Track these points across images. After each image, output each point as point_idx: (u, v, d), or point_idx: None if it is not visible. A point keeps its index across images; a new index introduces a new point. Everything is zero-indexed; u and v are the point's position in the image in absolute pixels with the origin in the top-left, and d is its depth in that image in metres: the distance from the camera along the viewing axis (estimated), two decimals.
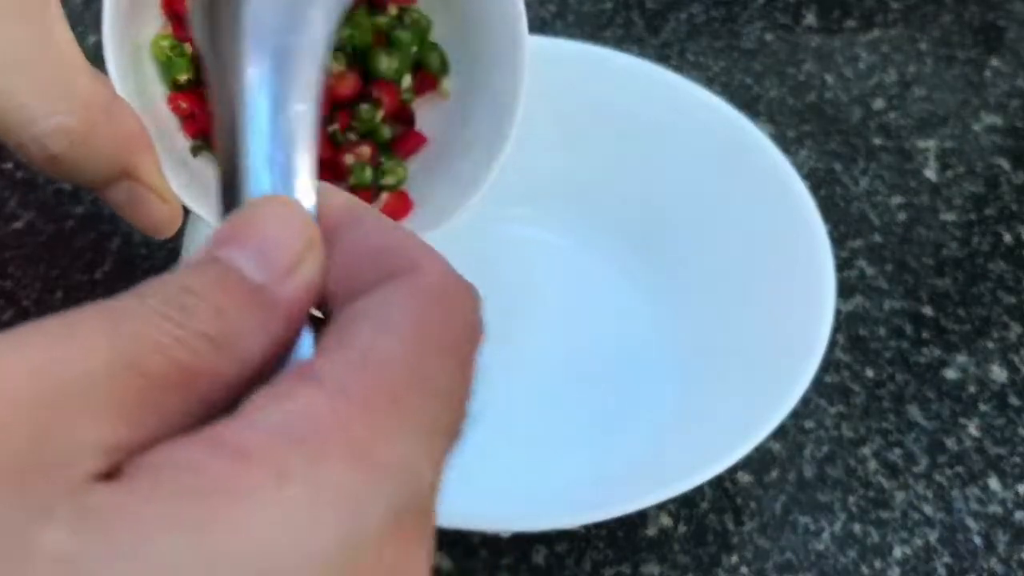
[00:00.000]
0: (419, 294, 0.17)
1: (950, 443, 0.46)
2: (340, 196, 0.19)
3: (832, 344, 0.49)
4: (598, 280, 0.49)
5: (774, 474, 0.44)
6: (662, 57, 0.61)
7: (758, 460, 0.45)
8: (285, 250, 0.17)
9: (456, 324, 0.18)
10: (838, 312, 0.50)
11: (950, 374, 0.49)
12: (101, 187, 0.33)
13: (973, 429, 0.47)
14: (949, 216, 0.55)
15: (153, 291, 0.17)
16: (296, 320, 0.17)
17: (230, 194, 0.18)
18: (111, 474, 0.14)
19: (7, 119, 0.30)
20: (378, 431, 0.15)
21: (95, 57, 0.34)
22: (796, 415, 0.46)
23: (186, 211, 0.36)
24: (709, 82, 0.60)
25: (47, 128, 0.30)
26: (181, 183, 0.35)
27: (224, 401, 0.16)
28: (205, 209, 0.36)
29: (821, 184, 0.55)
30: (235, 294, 0.17)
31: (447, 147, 0.41)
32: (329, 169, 0.40)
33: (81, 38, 0.34)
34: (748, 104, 0.59)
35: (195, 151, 0.39)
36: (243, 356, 0.16)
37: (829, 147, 0.57)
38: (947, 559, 0.43)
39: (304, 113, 0.18)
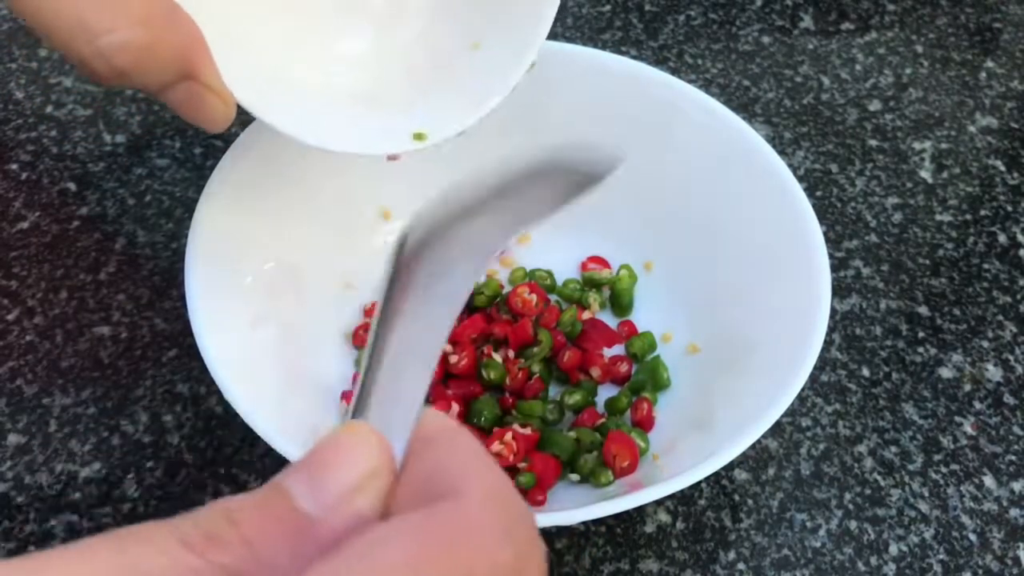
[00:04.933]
0: (425, 524, 0.18)
1: (945, 441, 0.47)
2: (438, 417, 0.20)
3: (828, 343, 0.49)
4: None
5: (771, 472, 0.45)
6: (660, 59, 0.61)
7: (755, 458, 0.45)
8: (338, 482, 0.19)
9: (454, 556, 0.18)
10: (834, 311, 0.50)
11: (945, 373, 0.49)
12: (162, 90, 0.34)
13: (968, 427, 0.47)
14: (944, 217, 0.55)
15: (195, 514, 0.18)
16: (334, 542, 0.18)
17: (356, 402, 0.21)
18: None
19: (70, 35, 0.31)
20: None
21: None
22: (793, 413, 0.47)
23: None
24: (707, 84, 0.60)
25: (112, 42, 0.31)
26: (237, 77, 0.36)
27: None
28: (258, 103, 0.36)
29: (817, 185, 0.56)
30: (275, 524, 0.18)
31: (487, 32, 0.42)
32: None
33: None
34: (745, 106, 0.59)
35: None
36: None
37: (825, 148, 0.58)
38: (942, 556, 0.43)
39: (426, 358, 0.21)
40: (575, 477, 0.42)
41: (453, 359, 0.44)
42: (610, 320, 0.48)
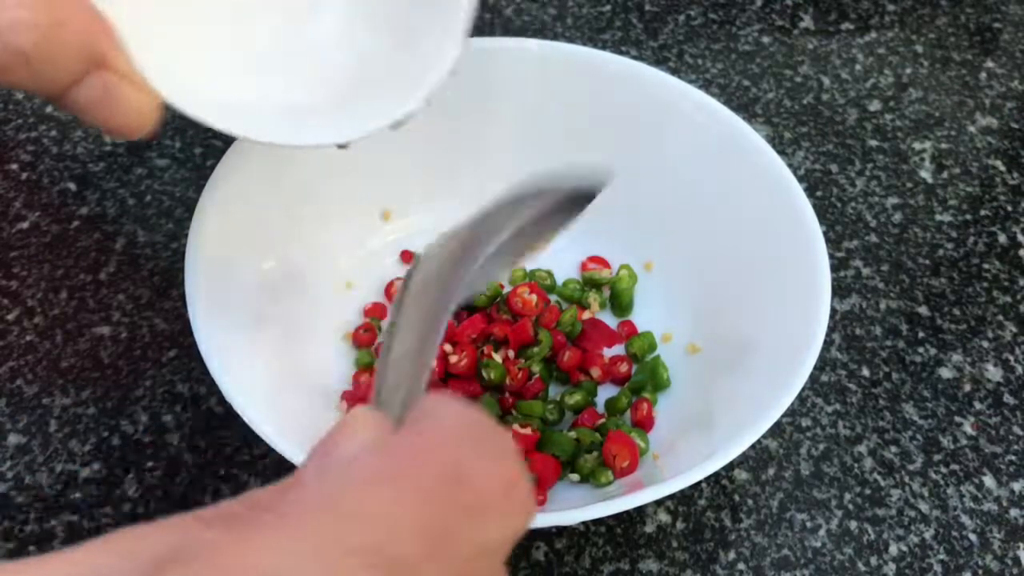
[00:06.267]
0: (393, 441, 0.21)
1: (945, 441, 0.47)
2: (436, 397, 0.23)
3: (828, 343, 0.49)
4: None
5: (771, 472, 0.45)
6: (660, 59, 0.61)
7: (755, 458, 0.45)
8: (341, 454, 0.21)
9: (417, 461, 0.20)
10: (834, 312, 0.50)
11: (945, 373, 0.49)
12: (69, 87, 0.30)
13: (968, 427, 0.47)
14: (944, 217, 0.55)
15: (223, 502, 0.21)
16: None
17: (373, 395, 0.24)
18: None
19: None
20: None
21: None
22: (793, 413, 0.47)
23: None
24: (707, 84, 0.60)
25: (11, 19, 0.28)
26: (154, 69, 0.32)
27: None
28: (181, 96, 0.33)
29: (818, 185, 0.56)
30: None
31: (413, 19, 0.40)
32: None
33: None
34: (745, 106, 0.59)
35: None
36: None
37: (825, 148, 0.58)
38: (942, 556, 0.43)
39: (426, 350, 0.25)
40: (575, 477, 0.42)
41: (453, 359, 0.44)
42: (610, 320, 0.48)
